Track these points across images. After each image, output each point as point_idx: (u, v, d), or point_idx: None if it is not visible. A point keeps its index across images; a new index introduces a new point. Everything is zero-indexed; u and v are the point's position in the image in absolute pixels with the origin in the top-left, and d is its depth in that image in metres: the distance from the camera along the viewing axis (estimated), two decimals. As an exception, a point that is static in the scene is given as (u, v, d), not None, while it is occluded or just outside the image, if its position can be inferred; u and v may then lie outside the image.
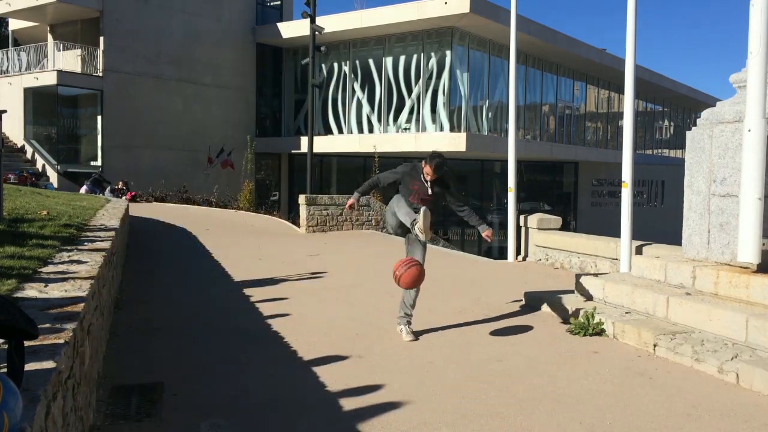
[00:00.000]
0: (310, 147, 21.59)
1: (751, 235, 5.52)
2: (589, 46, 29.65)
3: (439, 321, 6.60)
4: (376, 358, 5.34)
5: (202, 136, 27.24)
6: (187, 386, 4.54)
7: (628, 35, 8.64)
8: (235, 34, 28.56)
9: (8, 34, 30.61)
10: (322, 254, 11.57)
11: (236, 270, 9.41)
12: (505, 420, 4.06)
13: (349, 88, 27.38)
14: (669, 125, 43.50)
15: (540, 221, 11.09)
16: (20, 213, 7.41)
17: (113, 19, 24.58)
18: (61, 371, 2.64)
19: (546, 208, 31.00)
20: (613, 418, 4.10)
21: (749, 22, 5.57)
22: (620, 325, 5.97)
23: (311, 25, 21.50)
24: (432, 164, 5.74)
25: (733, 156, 6.15)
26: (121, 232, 8.65)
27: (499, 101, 26.80)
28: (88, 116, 25.77)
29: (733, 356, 4.93)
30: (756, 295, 5.50)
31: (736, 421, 4.08)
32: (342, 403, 4.26)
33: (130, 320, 6.33)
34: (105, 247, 5.75)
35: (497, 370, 5.05)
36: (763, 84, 5.52)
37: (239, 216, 19.10)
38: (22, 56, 26.76)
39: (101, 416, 3.95)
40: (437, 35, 24.83)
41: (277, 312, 6.81)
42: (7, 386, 1.89)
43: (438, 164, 5.73)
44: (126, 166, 24.66)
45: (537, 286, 8.47)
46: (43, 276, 4.18)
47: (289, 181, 30.14)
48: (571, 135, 32.90)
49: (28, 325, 2.28)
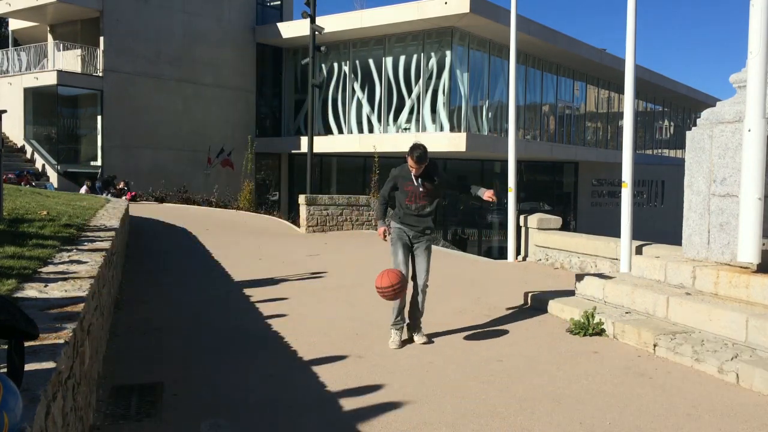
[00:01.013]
0: (310, 147, 21.59)
1: (751, 235, 5.52)
2: (589, 46, 29.66)
3: (439, 321, 6.60)
4: (376, 358, 5.34)
5: (202, 136, 27.24)
6: (187, 386, 4.54)
7: (628, 35, 8.64)
8: (235, 34, 28.56)
9: (8, 34, 30.62)
10: (322, 254, 11.57)
11: (236, 270, 9.41)
12: (505, 420, 4.06)
13: (349, 88, 27.38)
14: (669, 125, 43.50)
15: (540, 221, 11.09)
16: (20, 213, 7.41)
17: (113, 19, 24.58)
18: (61, 371, 2.64)
19: (546, 208, 30.99)
20: (613, 418, 4.10)
21: (749, 22, 5.57)
22: (620, 325, 5.97)
23: (311, 25, 21.50)
24: (414, 156, 5.69)
25: (733, 156, 6.15)
26: (121, 232, 8.65)
27: (499, 101, 26.80)
28: (88, 116, 25.77)
29: (733, 356, 4.93)
30: (756, 295, 5.50)
31: (736, 421, 4.08)
32: (342, 403, 4.26)
33: (130, 320, 6.33)
34: (105, 247, 5.75)
35: (497, 370, 5.04)
36: (763, 84, 5.52)
37: (239, 216, 19.10)
38: (22, 56, 26.76)
39: (101, 416, 3.94)
40: (437, 35, 24.83)
41: (277, 312, 6.81)
42: (7, 386, 1.89)
43: (420, 155, 5.68)
44: (126, 166, 24.66)
45: (537, 286, 8.47)
46: (43, 276, 4.18)
47: (289, 181, 30.14)
48: (571, 135, 32.90)
49: (28, 325, 2.28)
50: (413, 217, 5.90)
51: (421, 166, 5.75)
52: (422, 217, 5.91)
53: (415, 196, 5.85)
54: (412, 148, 5.75)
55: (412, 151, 5.71)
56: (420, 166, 5.74)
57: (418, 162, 5.70)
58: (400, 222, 5.96)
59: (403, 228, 5.94)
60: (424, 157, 5.71)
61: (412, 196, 5.86)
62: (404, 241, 5.92)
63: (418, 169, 5.76)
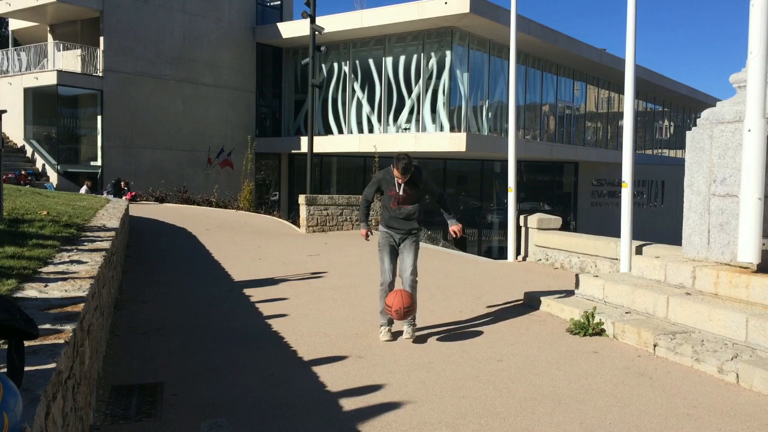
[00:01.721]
0: (310, 147, 21.59)
1: (751, 235, 5.52)
2: (589, 46, 29.66)
3: (439, 321, 6.60)
4: (376, 357, 5.34)
5: (202, 136, 27.25)
6: (187, 386, 4.54)
7: (628, 35, 8.64)
8: (235, 34, 28.56)
9: (8, 34, 30.62)
10: (322, 254, 11.57)
11: (236, 270, 9.42)
12: (505, 420, 4.06)
13: (349, 88, 27.38)
14: (669, 125, 43.50)
15: (540, 221, 11.09)
16: (20, 213, 7.41)
17: (113, 19, 24.58)
18: (61, 371, 2.64)
19: (546, 208, 30.99)
20: (613, 418, 4.10)
21: (749, 22, 5.57)
22: (620, 325, 5.97)
23: (311, 25, 21.50)
24: (399, 167, 5.79)
25: (733, 156, 6.15)
26: (121, 232, 8.65)
27: (499, 101, 26.80)
28: (88, 116, 25.78)
29: (733, 356, 4.93)
30: (756, 295, 5.50)
31: (736, 421, 4.08)
32: (342, 403, 4.26)
33: (130, 320, 6.33)
34: (105, 247, 5.75)
35: (497, 370, 5.05)
36: (763, 84, 5.52)
37: (239, 216, 19.11)
38: (22, 56, 26.76)
39: (101, 416, 3.94)
40: (437, 35, 24.83)
41: (277, 312, 6.81)
42: (7, 386, 1.89)
43: (404, 166, 5.77)
44: (126, 166, 24.68)
45: (537, 286, 8.47)
46: (43, 276, 4.18)
47: (289, 181, 30.14)
48: (571, 135, 32.90)
49: (28, 325, 2.28)
50: (398, 220, 6.01)
51: (406, 176, 5.84)
52: (407, 220, 6.01)
53: (398, 199, 5.95)
54: (396, 158, 5.84)
55: (397, 162, 5.80)
56: (405, 176, 5.84)
57: (403, 173, 5.81)
58: (387, 226, 6.09)
59: (389, 232, 6.07)
60: (409, 168, 5.80)
61: (393, 199, 5.97)
62: (391, 244, 6.04)
63: (403, 179, 5.86)
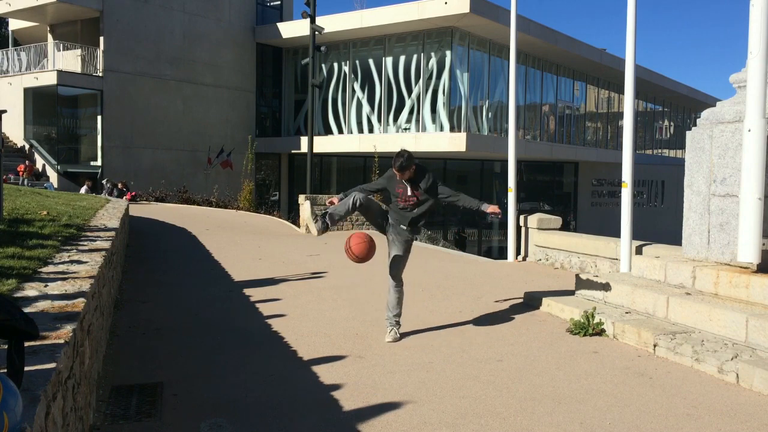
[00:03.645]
0: (310, 147, 21.59)
1: (751, 235, 5.52)
2: (589, 46, 29.66)
3: (439, 321, 6.60)
4: (376, 357, 5.34)
5: (202, 136, 27.25)
6: (187, 386, 4.54)
7: (628, 35, 8.64)
8: (235, 34, 28.56)
9: (8, 34, 30.62)
10: (322, 254, 11.56)
11: (236, 270, 9.41)
12: (505, 420, 4.06)
13: (349, 88, 27.38)
14: (669, 125, 43.50)
15: (540, 221, 11.09)
16: (20, 213, 7.41)
17: (113, 19, 24.58)
18: (61, 371, 2.64)
19: (546, 208, 30.99)
20: (613, 418, 4.10)
21: (749, 22, 5.57)
22: (620, 325, 5.97)
23: (311, 25, 21.50)
24: (396, 165, 5.68)
25: (733, 156, 6.15)
26: (120, 232, 8.65)
27: (499, 101, 26.80)
28: (88, 116, 25.78)
29: (733, 356, 4.93)
30: (756, 295, 5.50)
31: (736, 421, 4.08)
32: (342, 403, 4.26)
33: (130, 320, 6.33)
34: (105, 247, 5.75)
35: (497, 370, 5.05)
36: (763, 84, 5.52)
37: (239, 216, 19.10)
38: (22, 56, 26.76)
39: (101, 416, 3.94)
40: (437, 35, 24.83)
41: (277, 312, 6.81)
42: (7, 386, 1.89)
43: (401, 165, 5.65)
44: (126, 166, 24.67)
45: (537, 286, 8.47)
46: (43, 276, 4.18)
47: (289, 181, 30.14)
48: (571, 135, 32.90)
49: (28, 325, 2.28)
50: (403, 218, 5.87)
51: (405, 174, 5.73)
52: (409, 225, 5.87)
53: (405, 199, 5.84)
54: (395, 156, 5.69)
55: (396, 160, 5.68)
56: (402, 174, 5.73)
57: (399, 170, 5.70)
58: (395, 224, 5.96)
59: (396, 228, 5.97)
60: (405, 166, 5.65)
61: (402, 198, 5.85)
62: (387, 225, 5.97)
63: (402, 176, 5.76)
